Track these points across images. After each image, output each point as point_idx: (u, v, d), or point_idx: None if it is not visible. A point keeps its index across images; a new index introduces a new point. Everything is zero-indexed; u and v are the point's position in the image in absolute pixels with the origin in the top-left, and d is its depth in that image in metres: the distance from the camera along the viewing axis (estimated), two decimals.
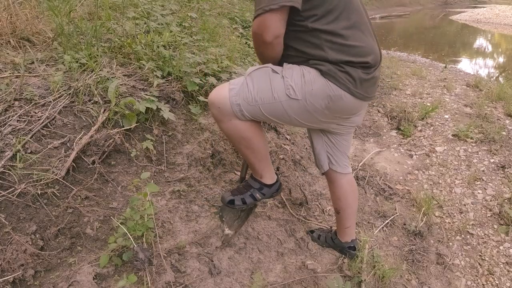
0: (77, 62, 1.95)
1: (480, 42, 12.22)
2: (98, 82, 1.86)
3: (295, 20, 1.31)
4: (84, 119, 1.72)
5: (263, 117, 1.47)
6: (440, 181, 2.83)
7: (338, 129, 1.62)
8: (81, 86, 1.79)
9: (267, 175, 1.69)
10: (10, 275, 1.25)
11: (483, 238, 2.27)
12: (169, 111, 1.90)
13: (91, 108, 1.75)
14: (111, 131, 1.69)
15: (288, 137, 2.67)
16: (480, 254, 2.16)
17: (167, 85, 2.10)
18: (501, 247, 2.19)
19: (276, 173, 1.77)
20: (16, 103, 1.66)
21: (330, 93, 1.35)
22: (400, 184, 2.78)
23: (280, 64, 1.45)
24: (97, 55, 2.01)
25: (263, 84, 1.41)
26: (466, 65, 8.02)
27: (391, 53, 8.28)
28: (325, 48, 1.32)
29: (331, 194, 1.85)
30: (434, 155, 3.17)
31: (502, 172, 2.84)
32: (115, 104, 1.75)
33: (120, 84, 1.89)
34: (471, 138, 3.32)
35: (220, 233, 1.73)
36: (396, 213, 2.38)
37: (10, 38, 2.06)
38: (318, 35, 1.32)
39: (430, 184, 2.80)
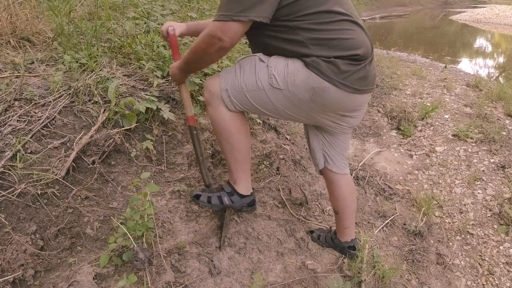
0: (77, 62, 1.95)
1: (480, 42, 12.22)
2: (98, 82, 1.86)
3: (276, 20, 1.30)
4: (84, 119, 1.72)
5: (251, 106, 1.46)
6: (440, 181, 2.83)
7: (332, 127, 1.59)
8: (81, 86, 1.79)
9: (242, 182, 1.68)
10: (10, 275, 1.25)
11: (483, 238, 2.27)
12: (169, 111, 1.90)
13: (91, 108, 1.75)
14: (111, 131, 1.69)
15: (288, 137, 2.67)
16: (480, 254, 2.16)
17: (167, 85, 2.10)
18: (501, 247, 2.19)
19: (253, 188, 1.76)
20: (16, 103, 1.66)
21: (314, 84, 1.33)
22: (400, 184, 2.78)
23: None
24: (97, 55, 2.01)
25: (248, 71, 1.42)
26: (466, 65, 8.02)
27: (391, 53, 8.28)
28: (309, 45, 1.31)
29: (330, 195, 1.85)
30: (434, 155, 3.17)
31: (502, 172, 2.84)
32: (115, 104, 1.75)
33: (120, 84, 1.89)
34: (471, 138, 3.32)
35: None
36: (396, 213, 2.38)
37: (10, 38, 2.06)
38: (300, 33, 1.30)
39: (430, 184, 2.80)
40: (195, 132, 1.69)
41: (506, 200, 2.50)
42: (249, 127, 1.58)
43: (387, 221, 2.29)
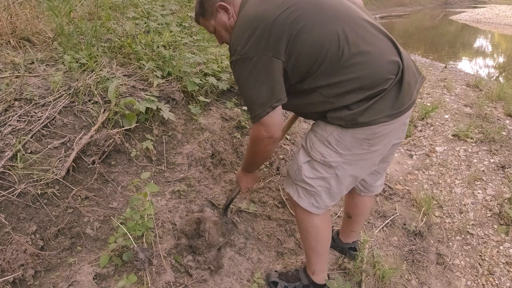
0: (77, 62, 1.95)
1: (480, 42, 12.22)
2: (98, 82, 1.86)
3: (292, 87, 1.28)
4: (84, 119, 1.72)
5: (339, 194, 1.45)
6: (440, 181, 2.83)
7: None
8: (81, 86, 1.79)
9: (320, 274, 1.63)
10: (10, 275, 1.25)
11: (483, 238, 2.27)
12: (169, 111, 1.90)
13: (91, 108, 1.75)
14: (111, 131, 1.69)
15: (288, 137, 2.67)
16: (480, 254, 2.16)
17: (167, 85, 2.10)
18: (501, 247, 2.19)
19: (328, 275, 1.68)
20: (16, 103, 1.66)
21: (362, 137, 1.27)
22: (400, 184, 2.78)
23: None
24: (97, 55, 2.01)
25: (315, 178, 1.39)
26: (466, 65, 8.02)
27: None
28: (332, 100, 1.25)
29: (348, 199, 1.78)
30: (434, 155, 3.17)
31: (502, 172, 2.84)
32: (115, 104, 1.75)
33: (120, 84, 1.89)
34: (471, 138, 3.32)
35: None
36: (396, 213, 2.38)
37: (10, 38, 2.06)
38: (318, 92, 1.25)
39: (430, 184, 2.80)
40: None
41: (506, 200, 2.50)
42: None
43: (387, 221, 2.29)
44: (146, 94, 1.90)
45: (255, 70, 1.20)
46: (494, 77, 6.82)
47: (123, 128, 1.76)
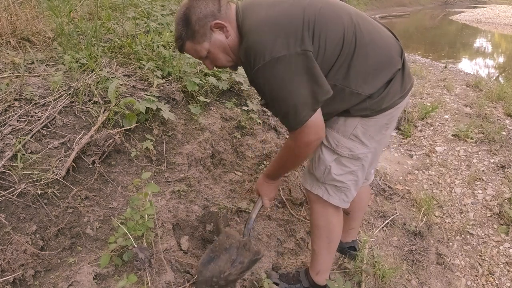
0: (77, 62, 1.95)
1: (480, 42, 12.22)
2: (98, 82, 1.86)
3: None
4: (84, 119, 1.72)
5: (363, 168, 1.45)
6: (440, 181, 2.83)
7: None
8: (81, 86, 1.79)
9: (324, 273, 1.62)
10: (10, 275, 1.25)
11: (483, 238, 2.27)
12: (169, 111, 1.90)
13: (91, 108, 1.75)
14: (111, 131, 1.69)
15: (288, 137, 2.67)
16: (480, 254, 2.16)
17: (167, 85, 2.10)
18: (501, 247, 2.19)
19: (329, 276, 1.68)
20: (16, 103, 1.66)
21: (383, 122, 1.33)
22: (400, 184, 2.78)
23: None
24: (97, 55, 2.01)
25: (342, 171, 1.39)
26: (466, 65, 8.02)
27: None
28: (359, 91, 1.26)
29: None
30: (434, 155, 3.17)
31: (502, 172, 2.84)
32: (115, 104, 1.75)
33: (120, 84, 1.89)
34: (471, 138, 3.32)
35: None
36: (396, 213, 2.38)
37: (10, 38, 2.06)
38: (341, 88, 1.25)
39: (430, 184, 2.80)
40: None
41: (506, 200, 2.50)
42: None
43: (387, 221, 2.29)
44: (146, 94, 1.90)
45: (290, 69, 1.13)
46: (494, 77, 6.82)
47: (123, 128, 1.76)
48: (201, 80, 2.17)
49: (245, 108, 2.42)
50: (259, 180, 1.54)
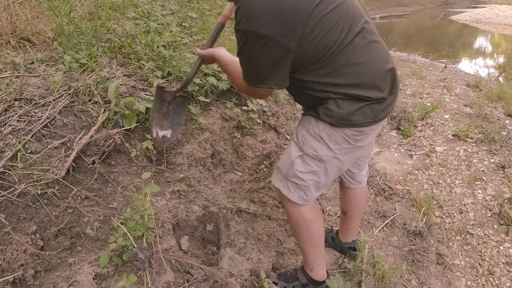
0: (77, 62, 1.95)
1: (480, 42, 12.22)
2: (98, 82, 1.86)
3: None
4: (84, 119, 1.72)
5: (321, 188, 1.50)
6: (440, 181, 2.83)
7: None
8: (81, 86, 1.79)
9: (318, 268, 1.63)
10: (10, 275, 1.25)
11: (483, 238, 2.27)
12: None
13: (91, 108, 1.75)
14: (111, 131, 1.69)
15: (288, 137, 2.67)
16: (480, 254, 2.16)
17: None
18: (501, 247, 2.19)
19: (327, 272, 1.68)
20: (16, 103, 1.66)
21: (351, 133, 1.32)
22: (400, 184, 2.78)
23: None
24: (97, 55, 2.01)
25: (305, 172, 1.42)
26: (466, 65, 8.02)
27: (391, 53, 8.28)
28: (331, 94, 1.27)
29: (342, 195, 1.82)
30: (434, 155, 3.17)
31: (502, 172, 2.84)
32: (115, 104, 1.75)
33: (120, 84, 1.89)
34: (471, 138, 3.32)
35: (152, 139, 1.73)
36: (396, 213, 2.38)
37: (10, 38, 2.06)
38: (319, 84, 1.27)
39: (430, 184, 2.80)
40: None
41: (506, 200, 2.50)
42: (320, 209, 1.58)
43: (387, 221, 2.29)
44: (146, 94, 1.90)
45: (264, 51, 1.16)
46: (494, 77, 6.82)
47: (123, 128, 1.76)
48: (201, 80, 2.17)
49: (245, 108, 2.42)
50: (213, 53, 1.57)
